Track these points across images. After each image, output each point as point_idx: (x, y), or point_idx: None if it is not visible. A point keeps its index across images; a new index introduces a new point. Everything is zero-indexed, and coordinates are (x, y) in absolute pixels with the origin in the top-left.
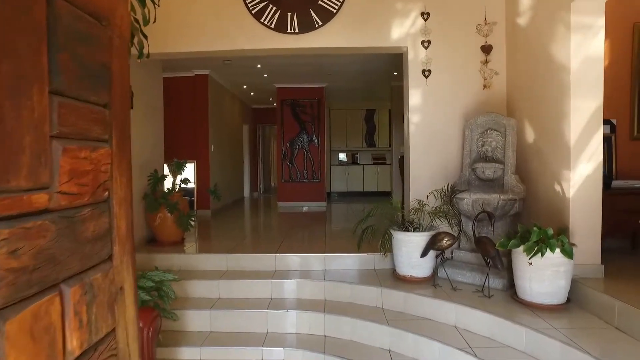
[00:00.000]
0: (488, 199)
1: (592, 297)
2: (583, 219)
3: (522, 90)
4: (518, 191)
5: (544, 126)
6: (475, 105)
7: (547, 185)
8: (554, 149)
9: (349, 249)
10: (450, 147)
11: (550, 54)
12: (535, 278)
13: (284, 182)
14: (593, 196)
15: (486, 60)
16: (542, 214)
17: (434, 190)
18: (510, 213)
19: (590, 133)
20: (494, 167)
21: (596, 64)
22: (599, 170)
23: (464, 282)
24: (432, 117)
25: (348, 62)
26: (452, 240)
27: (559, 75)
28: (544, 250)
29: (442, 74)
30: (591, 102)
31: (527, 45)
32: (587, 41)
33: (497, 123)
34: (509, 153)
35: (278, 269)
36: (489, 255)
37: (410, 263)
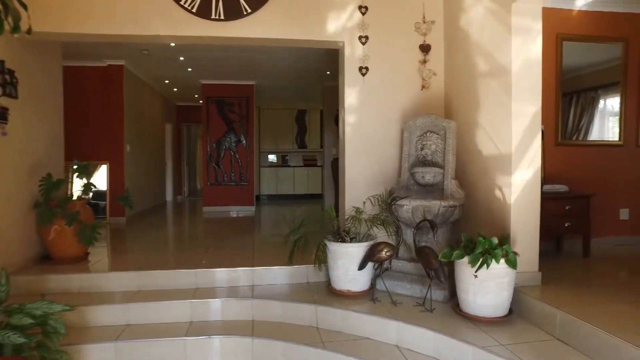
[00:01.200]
0: (429, 206)
1: (533, 307)
2: (523, 226)
3: (460, 92)
4: (458, 197)
5: (484, 129)
6: (413, 106)
7: (487, 191)
8: (494, 153)
9: (279, 261)
10: (389, 150)
11: (492, 56)
12: (480, 290)
13: (210, 185)
14: (532, 202)
15: (425, 59)
16: (482, 220)
17: (371, 196)
18: (450, 220)
19: (531, 137)
20: (434, 171)
21: (535, 67)
22: (537, 175)
23: (403, 295)
24: (370, 118)
25: (279, 58)
26: (391, 251)
27: (501, 77)
28: (489, 262)
29: (380, 72)
30: (531, 106)
31: (467, 45)
32: (527, 44)
33: (437, 125)
34: (449, 157)
35: (200, 287)
36: (432, 267)
37: (347, 276)
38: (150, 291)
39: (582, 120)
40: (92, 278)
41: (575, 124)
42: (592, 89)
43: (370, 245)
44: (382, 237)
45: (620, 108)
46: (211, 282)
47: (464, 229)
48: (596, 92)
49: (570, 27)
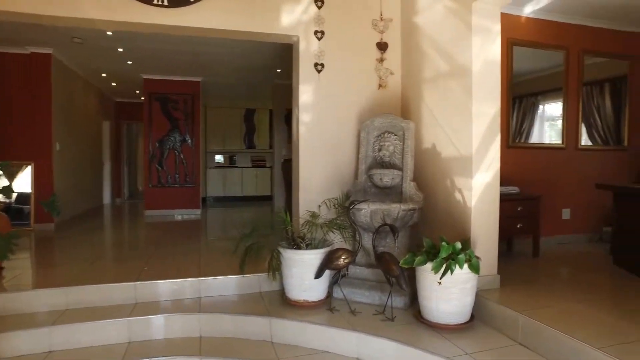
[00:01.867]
0: (388, 210)
1: (495, 311)
2: (483, 229)
3: (418, 92)
4: (417, 200)
5: (444, 130)
6: (370, 106)
7: (446, 194)
8: (454, 155)
9: (230, 270)
10: (345, 151)
11: (451, 55)
12: (443, 297)
13: (152, 187)
14: (492, 204)
15: (382, 58)
16: (442, 224)
17: (327, 199)
18: (409, 223)
19: (490, 139)
20: (392, 173)
21: (495, 68)
22: (497, 177)
23: (362, 303)
24: (325, 117)
25: (227, 53)
26: (350, 258)
27: (461, 77)
28: (453, 268)
29: (337, 70)
30: (491, 107)
31: (425, 44)
32: (487, 45)
33: (395, 126)
34: (408, 159)
35: (140, 302)
36: (393, 274)
37: (303, 285)
38: (80, 310)
39: (524, 123)
40: (6, 298)
41: (518, 127)
42: (533, 94)
43: (327, 252)
44: (338, 242)
45: (563, 113)
46: (153, 296)
47: (422, 232)
48: (536, 98)
49: (519, 33)
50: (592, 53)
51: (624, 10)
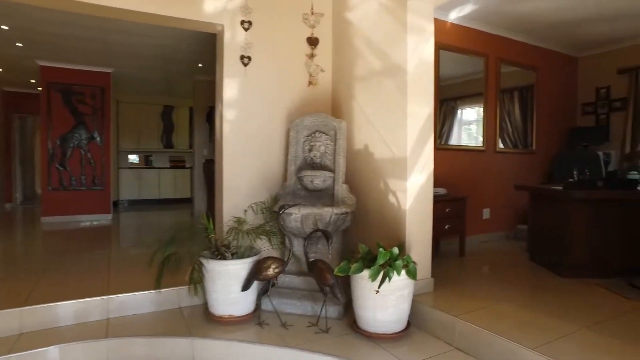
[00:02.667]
0: (320, 214)
1: (431, 316)
2: (418, 232)
3: (349, 90)
4: (350, 203)
5: (377, 131)
6: (300, 104)
7: (380, 196)
8: (388, 156)
9: (144, 284)
10: (273, 151)
11: (386, 54)
12: (381, 306)
13: (53, 190)
14: (426, 207)
15: (312, 54)
16: (375, 227)
17: (254, 203)
18: (341, 228)
19: (424, 140)
20: (324, 175)
21: (429, 68)
22: (430, 179)
23: (294, 314)
24: (252, 114)
25: (143, 44)
26: (280, 267)
27: (395, 76)
28: (391, 275)
29: (265, 64)
30: (425, 107)
31: (358, 42)
32: (422, 45)
33: (327, 125)
34: (340, 160)
35: (26, 332)
36: (327, 283)
37: (229, 299)
38: None
39: (444, 126)
40: None
41: (439, 129)
42: (453, 98)
43: (255, 261)
44: (266, 250)
45: (483, 117)
46: (47, 322)
47: (354, 237)
48: (455, 102)
49: (445, 38)
50: (507, 62)
51: (532, 26)
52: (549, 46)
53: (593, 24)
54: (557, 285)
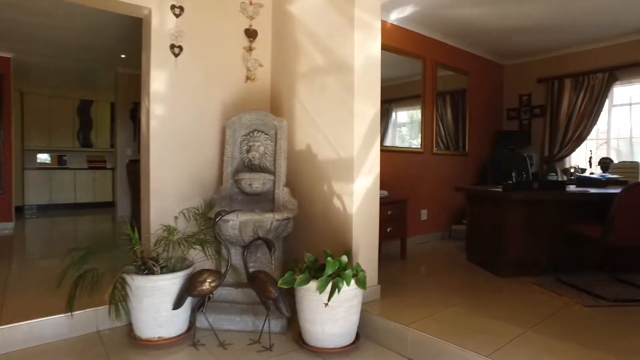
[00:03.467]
0: (260, 220)
1: (381, 326)
2: (365, 237)
3: (290, 87)
4: (292, 207)
5: (321, 131)
6: (237, 100)
7: (324, 200)
8: (333, 157)
9: (54, 306)
10: (207, 152)
11: (331, 50)
12: (329, 319)
13: None
14: (373, 211)
15: (250, 47)
16: (319, 233)
17: (186, 209)
18: (282, 235)
19: (371, 141)
20: (263, 178)
21: (376, 66)
22: (377, 182)
23: (233, 331)
24: (183, 110)
25: (52, 25)
26: (217, 281)
27: (341, 74)
28: (340, 285)
29: (198, 55)
30: (372, 107)
31: (300, 36)
32: (369, 41)
33: (267, 124)
34: (281, 161)
35: None
36: (270, 296)
37: (158, 319)
38: None
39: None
40: None
41: None
42: (387, 101)
43: (189, 275)
44: (201, 261)
45: (421, 119)
46: None
47: (297, 244)
48: (390, 104)
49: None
50: (442, 65)
51: (466, 32)
52: (479, 52)
53: (521, 34)
54: (497, 285)
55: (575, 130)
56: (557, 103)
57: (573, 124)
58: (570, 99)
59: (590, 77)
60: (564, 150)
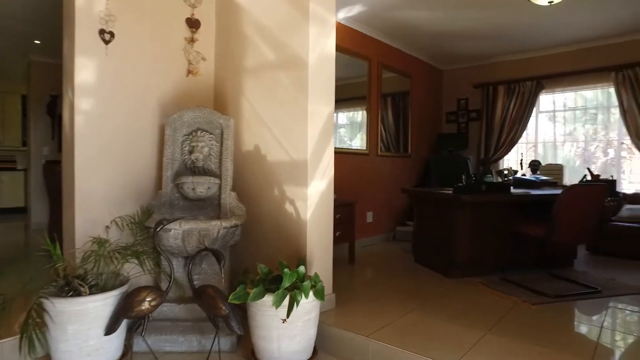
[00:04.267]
0: (207, 229)
1: (340, 338)
2: (319, 244)
3: (237, 83)
4: (240, 214)
5: (271, 130)
6: (177, 96)
7: (275, 205)
8: (284, 159)
9: None
10: (143, 152)
11: (283, 44)
12: (286, 335)
13: None
14: (327, 216)
15: (192, 38)
16: (270, 241)
17: (119, 217)
18: (229, 243)
19: (325, 142)
20: (208, 181)
21: (330, 64)
22: (331, 185)
23: (177, 353)
24: (114, 105)
25: None
26: (159, 299)
27: (294, 70)
28: (299, 298)
29: (132, 44)
30: (326, 106)
31: (249, 29)
32: (323, 37)
33: (212, 122)
34: (228, 163)
35: None
36: (220, 314)
37: (86, 348)
38: None
39: None
40: None
41: None
42: None
43: (125, 293)
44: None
45: (367, 120)
46: None
47: (245, 254)
48: None
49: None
50: (387, 67)
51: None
52: (421, 56)
53: (460, 40)
54: (449, 287)
55: (508, 134)
56: (492, 108)
57: (506, 128)
58: (503, 105)
59: (520, 84)
60: (498, 153)
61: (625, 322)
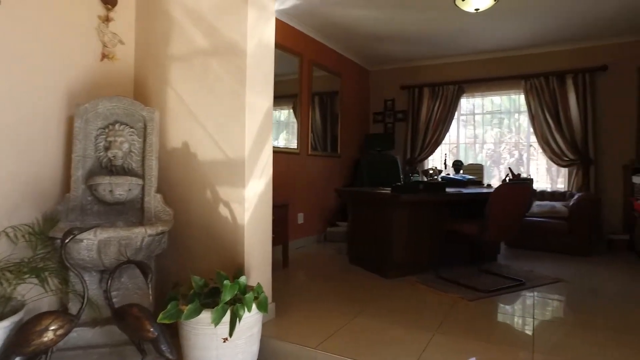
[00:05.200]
0: (128, 237)
1: (284, 352)
2: (258, 251)
3: (162, 71)
4: (167, 218)
5: (202, 125)
6: (89, 83)
7: (208, 209)
8: (219, 157)
9: None
10: (46, 148)
11: (217, 29)
12: (227, 354)
13: None
14: (266, 219)
15: (108, 17)
16: (202, 249)
17: (13, 226)
18: (155, 253)
19: (264, 138)
20: (129, 182)
21: (269, 54)
22: (270, 186)
23: None
24: (6, 91)
25: None
26: (67, 326)
27: (230, 58)
28: (241, 313)
29: (29, 14)
30: (265, 99)
31: (175, 9)
32: (262, 24)
33: (132, 114)
34: (152, 161)
35: None
36: (147, 337)
37: None
38: None
39: None
40: None
41: None
42: None
43: (18, 324)
44: (37, 299)
45: (298, 119)
46: None
47: (172, 264)
48: None
49: None
50: (318, 65)
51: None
52: (351, 56)
53: (388, 42)
54: (389, 288)
55: (433, 135)
56: (418, 109)
57: (431, 129)
58: (428, 106)
59: (444, 87)
60: (423, 153)
61: (552, 310)
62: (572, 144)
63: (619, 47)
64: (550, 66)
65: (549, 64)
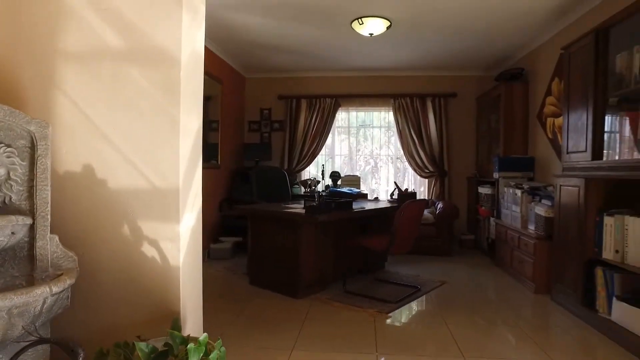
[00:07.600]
0: (25, 303)
1: None
2: (194, 295)
3: (46, 71)
4: (70, 266)
5: (116, 146)
6: None
7: (125, 249)
8: (143, 186)
9: None
10: None
11: (140, 30)
12: None
13: None
14: (197, 258)
15: None
16: (117, 301)
17: None
18: (56, 313)
19: (195, 163)
20: (11, 223)
21: (200, 64)
22: (200, 218)
23: None
24: None
25: None
26: None
27: (159, 68)
28: None
29: None
30: (196, 117)
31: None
32: (194, 29)
33: (10, 128)
34: (45, 193)
35: None
36: None
37: None
38: None
39: None
40: None
41: None
42: None
43: None
44: None
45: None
46: None
47: (77, 325)
48: None
49: None
50: None
51: (226, 38)
52: (230, 61)
53: (274, 51)
54: (306, 310)
55: (311, 146)
56: (295, 120)
57: (309, 140)
58: (306, 118)
59: (321, 100)
60: (301, 164)
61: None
62: (432, 158)
63: (464, 79)
64: (414, 88)
65: (414, 87)
